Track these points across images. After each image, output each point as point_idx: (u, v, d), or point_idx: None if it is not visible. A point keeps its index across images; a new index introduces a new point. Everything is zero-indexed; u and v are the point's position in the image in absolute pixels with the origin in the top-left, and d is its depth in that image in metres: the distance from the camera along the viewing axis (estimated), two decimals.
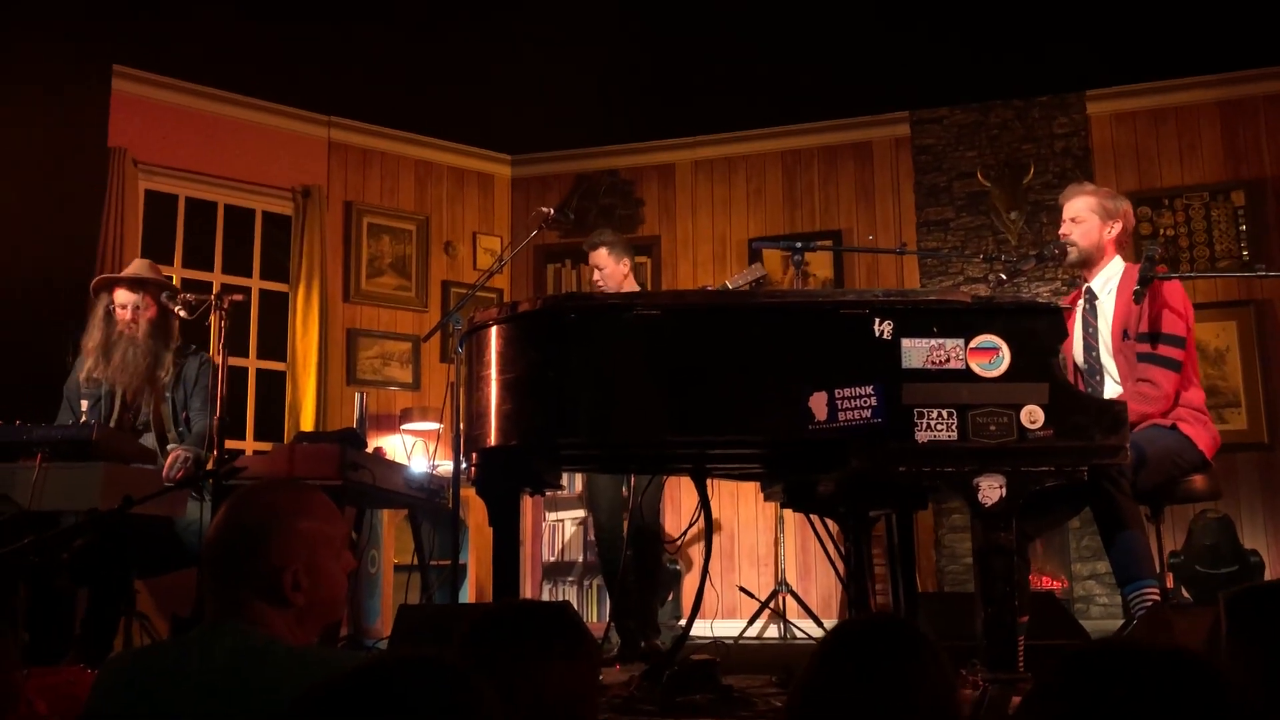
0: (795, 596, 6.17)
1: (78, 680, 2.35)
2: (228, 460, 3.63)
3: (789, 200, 7.27)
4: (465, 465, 3.08)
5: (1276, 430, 6.19)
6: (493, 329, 2.86)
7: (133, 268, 4.34)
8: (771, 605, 6.20)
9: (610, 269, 4.79)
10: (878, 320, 2.63)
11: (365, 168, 7.26)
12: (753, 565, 6.85)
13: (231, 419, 3.97)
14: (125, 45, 6.10)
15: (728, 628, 5.96)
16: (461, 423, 3.98)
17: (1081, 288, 3.77)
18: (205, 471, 3.74)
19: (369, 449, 4.63)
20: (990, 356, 2.60)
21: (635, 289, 4.90)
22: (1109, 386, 3.58)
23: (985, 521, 2.55)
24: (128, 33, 5.94)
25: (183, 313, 3.98)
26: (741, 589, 6.18)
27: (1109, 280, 3.67)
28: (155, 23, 5.88)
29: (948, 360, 2.60)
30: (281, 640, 1.56)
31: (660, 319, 2.73)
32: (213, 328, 3.98)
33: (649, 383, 2.72)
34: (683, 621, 5.33)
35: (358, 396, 6.08)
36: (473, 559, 6.28)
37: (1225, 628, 1.41)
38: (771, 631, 6.31)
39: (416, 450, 6.65)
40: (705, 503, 3.40)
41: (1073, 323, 3.67)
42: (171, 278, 5.50)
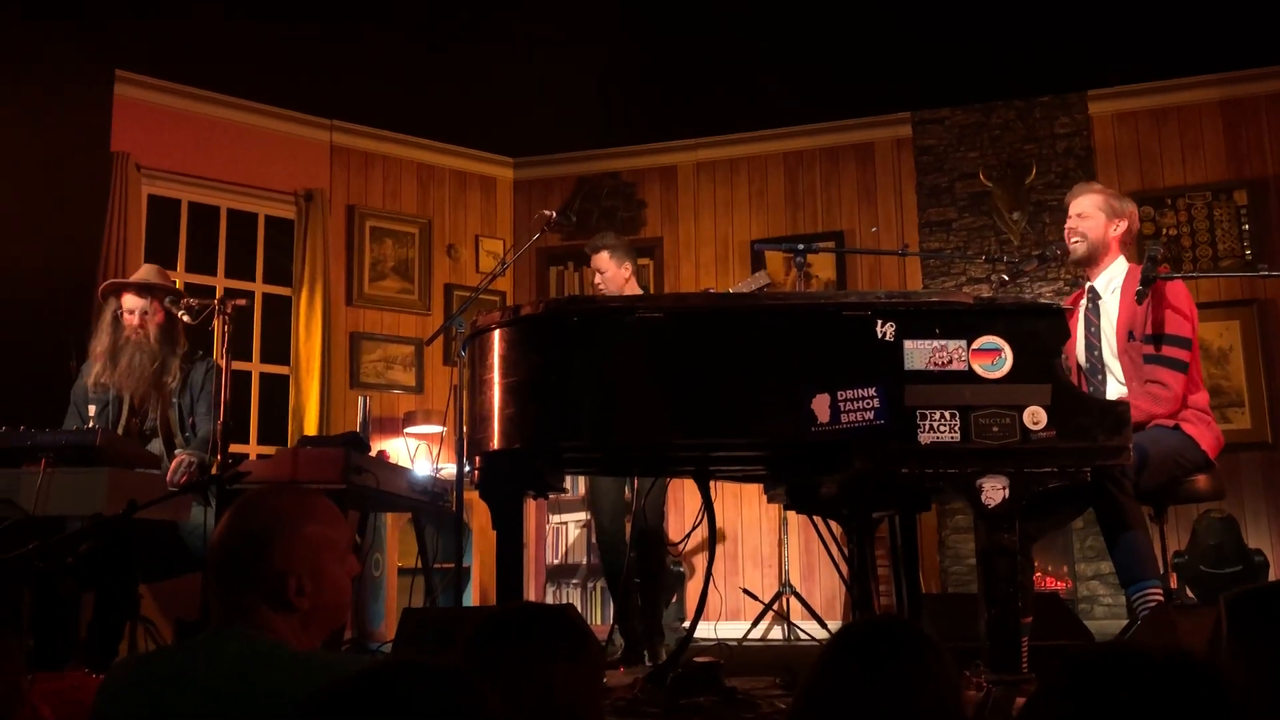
0: (799, 598, 6.17)
1: (83, 685, 2.35)
2: (232, 464, 3.63)
3: (791, 201, 7.27)
4: (468, 468, 3.08)
5: None
6: (495, 332, 2.86)
7: (141, 273, 4.35)
8: (775, 607, 6.20)
9: (612, 273, 4.76)
10: (880, 322, 2.63)
11: (367, 171, 7.27)
12: (756, 567, 6.85)
13: (235, 423, 3.97)
14: (128, 49, 6.10)
15: (731, 630, 5.96)
16: (464, 426, 3.99)
17: (1084, 287, 3.77)
18: (209, 476, 3.74)
19: (372, 452, 4.63)
20: (992, 358, 2.60)
21: (637, 292, 4.88)
22: (1111, 386, 3.58)
23: (988, 522, 2.55)
24: (130, 37, 5.94)
25: (186, 318, 3.99)
26: (745, 591, 6.18)
27: (1112, 280, 3.67)
28: (157, 27, 5.88)
29: (950, 362, 2.60)
30: (287, 644, 1.56)
31: (663, 321, 2.73)
32: (216, 332, 3.99)
33: (652, 385, 2.73)
34: (687, 624, 5.33)
35: (361, 400, 6.08)
36: (476, 562, 6.28)
37: (1226, 629, 1.41)
38: (775, 633, 6.31)
39: (420, 453, 6.65)
40: (709, 505, 3.40)
41: (1075, 322, 3.67)
42: (175, 282, 5.51)
